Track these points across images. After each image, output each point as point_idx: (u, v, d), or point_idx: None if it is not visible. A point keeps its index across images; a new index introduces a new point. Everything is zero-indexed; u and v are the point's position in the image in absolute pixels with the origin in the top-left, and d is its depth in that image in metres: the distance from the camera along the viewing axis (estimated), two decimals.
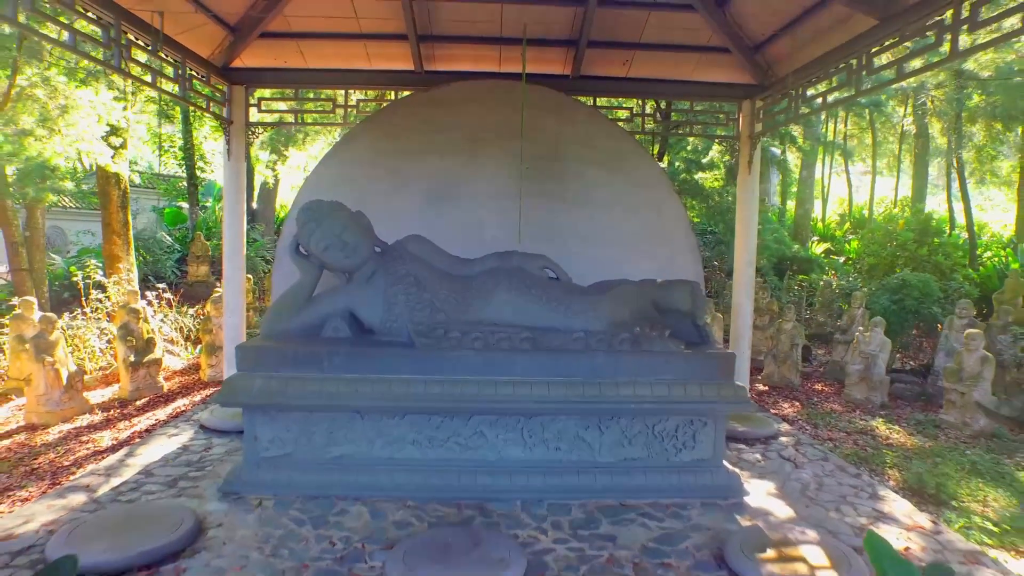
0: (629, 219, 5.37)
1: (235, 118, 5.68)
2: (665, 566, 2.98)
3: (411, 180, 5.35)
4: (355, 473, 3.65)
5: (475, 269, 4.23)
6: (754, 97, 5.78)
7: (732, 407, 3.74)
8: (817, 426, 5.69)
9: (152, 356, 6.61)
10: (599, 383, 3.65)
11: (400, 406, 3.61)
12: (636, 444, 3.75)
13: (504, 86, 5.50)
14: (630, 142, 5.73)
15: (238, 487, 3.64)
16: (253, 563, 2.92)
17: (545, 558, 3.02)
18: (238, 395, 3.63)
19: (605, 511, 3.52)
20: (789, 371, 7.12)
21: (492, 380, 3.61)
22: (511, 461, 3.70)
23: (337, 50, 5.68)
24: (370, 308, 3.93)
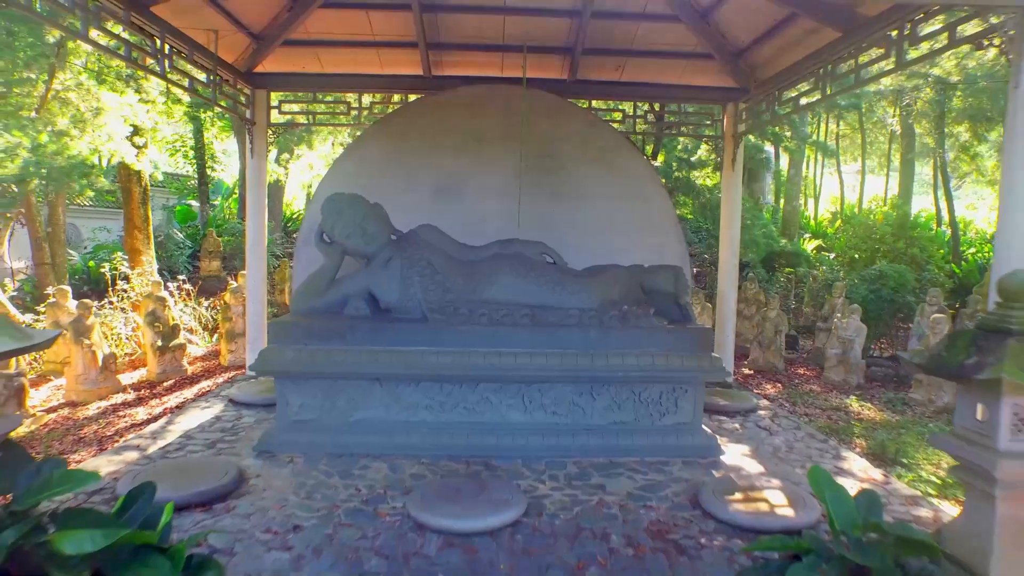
0: (619, 210, 5.83)
1: (258, 119, 6.15)
2: (647, 507, 3.45)
3: (421, 176, 5.82)
4: (375, 434, 4.12)
5: (480, 255, 4.70)
6: (737, 100, 6.25)
7: (709, 375, 4.21)
8: (795, 403, 6.16)
9: (177, 341, 7.09)
10: (591, 355, 4.12)
11: (414, 374, 4.08)
12: (624, 409, 4.22)
13: (505, 91, 5.97)
14: (621, 141, 6.20)
15: (271, 447, 4.11)
16: (291, 504, 3.39)
17: (543, 501, 3.49)
18: (271, 365, 4.10)
19: (596, 467, 3.98)
20: (773, 356, 7.58)
21: (496, 351, 4.08)
22: (513, 424, 4.18)
23: (352, 56, 6.15)
24: (387, 289, 4.40)
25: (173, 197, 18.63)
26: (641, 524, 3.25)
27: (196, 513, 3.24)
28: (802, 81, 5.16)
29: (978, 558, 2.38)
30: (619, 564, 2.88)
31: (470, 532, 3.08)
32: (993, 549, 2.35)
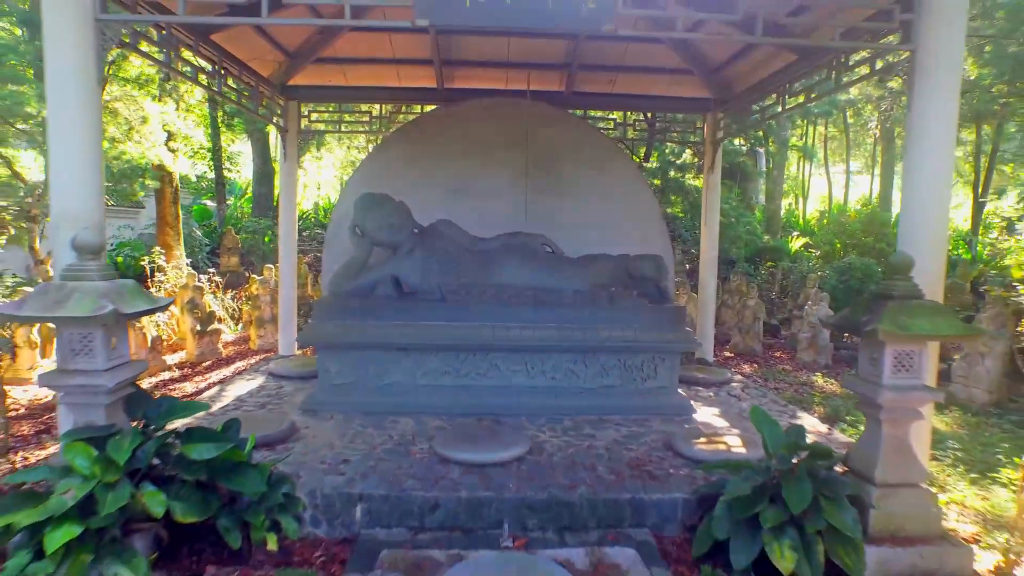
0: (610, 207, 6.58)
1: (290, 127, 6.93)
2: (628, 449, 4.23)
3: (436, 177, 6.58)
4: (402, 396, 4.90)
5: (490, 245, 5.48)
6: (715, 110, 7.03)
7: (682, 346, 4.99)
8: (767, 379, 6.94)
9: (213, 326, 7.88)
10: (584, 329, 4.89)
11: (435, 345, 4.85)
12: (612, 374, 4.99)
13: (510, 102, 6.74)
14: (612, 146, 6.97)
15: (315, 406, 4.89)
16: (337, 446, 4.16)
17: (543, 445, 4.27)
18: (315, 337, 4.88)
19: (588, 421, 4.76)
20: (752, 340, 8.36)
21: (504, 326, 4.86)
22: (518, 386, 4.95)
23: (373, 71, 6.93)
24: (411, 274, 5.17)
25: (189, 196, 19.42)
26: (623, 460, 4.03)
27: (262, 451, 4.02)
28: (768, 95, 5.93)
29: (868, 466, 3.16)
30: (603, 485, 3.66)
31: (485, 463, 3.86)
32: (879, 459, 3.13)
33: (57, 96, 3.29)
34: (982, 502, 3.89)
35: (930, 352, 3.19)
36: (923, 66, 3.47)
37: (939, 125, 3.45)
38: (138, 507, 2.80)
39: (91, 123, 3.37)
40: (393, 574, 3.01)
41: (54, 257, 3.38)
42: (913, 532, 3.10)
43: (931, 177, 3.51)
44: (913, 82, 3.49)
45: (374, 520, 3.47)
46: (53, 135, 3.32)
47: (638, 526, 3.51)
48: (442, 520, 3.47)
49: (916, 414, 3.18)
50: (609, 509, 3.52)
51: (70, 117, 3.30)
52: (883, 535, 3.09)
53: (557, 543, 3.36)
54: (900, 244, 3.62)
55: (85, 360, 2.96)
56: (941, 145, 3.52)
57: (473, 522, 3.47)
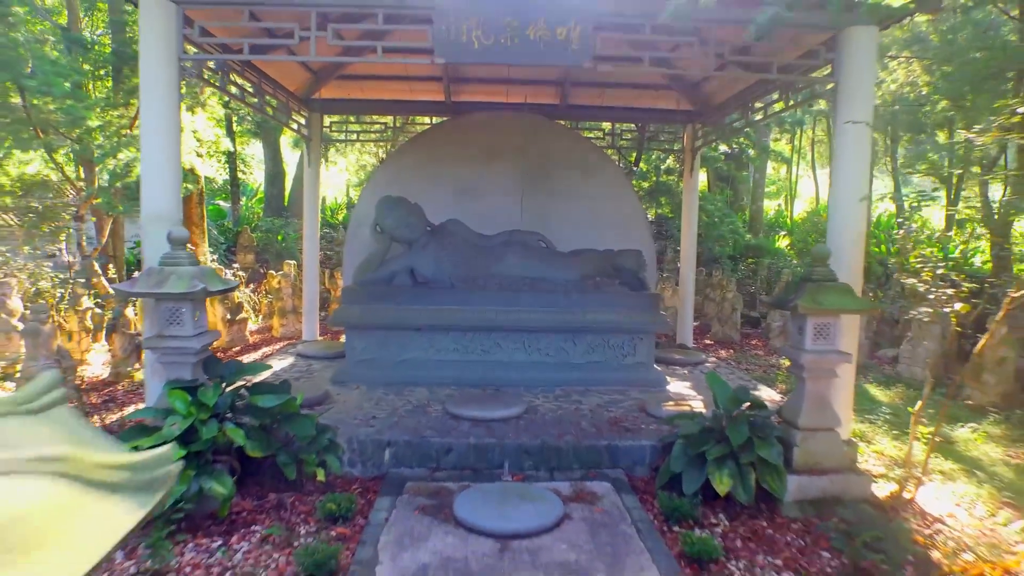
0: (598, 207, 7.37)
1: (313, 136, 7.75)
2: (608, 411, 5.04)
3: (444, 181, 7.39)
4: (417, 369, 5.72)
5: (492, 241, 6.30)
6: (694, 121, 7.85)
7: (657, 327, 5.82)
8: (740, 362, 7.76)
9: (241, 316, 8.70)
10: (573, 312, 5.71)
11: (445, 326, 5.67)
12: (597, 352, 5.81)
13: (510, 115, 7.56)
14: (601, 154, 7.78)
15: (343, 379, 5.71)
16: (365, 408, 4.98)
17: (537, 407, 5.08)
18: (343, 319, 5.71)
19: (576, 391, 5.58)
20: (730, 329, 9.18)
21: (505, 310, 5.68)
22: (517, 362, 5.77)
23: (388, 86, 7.75)
24: (425, 265, 5.99)
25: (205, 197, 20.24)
26: (603, 419, 4.85)
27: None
28: (736, 110, 6.75)
29: (795, 415, 3.98)
30: (586, 436, 4.48)
31: (489, 419, 4.68)
32: (802, 409, 3.95)
33: (148, 120, 4.12)
34: (896, 451, 4.71)
35: (843, 324, 3.99)
36: (844, 95, 4.28)
37: (857, 142, 4.26)
38: (222, 440, 3.63)
39: (173, 141, 4.18)
40: (417, 497, 3.83)
41: (143, 248, 4.19)
42: (827, 465, 3.92)
43: (851, 183, 4.32)
44: (836, 108, 4.31)
45: (399, 461, 4.29)
46: (144, 151, 4.14)
47: (613, 467, 4.34)
48: (455, 461, 4.29)
49: (832, 373, 4.00)
50: (590, 454, 4.34)
51: (157, 137, 4.12)
52: (804, 467, 3.91)
53: (548, 479, 4.18)
54: (828, 238, 4.43)
55: (177, 328, 3.78)
56: (859, 157, 4.33)
57: (480, 463, 4.29)
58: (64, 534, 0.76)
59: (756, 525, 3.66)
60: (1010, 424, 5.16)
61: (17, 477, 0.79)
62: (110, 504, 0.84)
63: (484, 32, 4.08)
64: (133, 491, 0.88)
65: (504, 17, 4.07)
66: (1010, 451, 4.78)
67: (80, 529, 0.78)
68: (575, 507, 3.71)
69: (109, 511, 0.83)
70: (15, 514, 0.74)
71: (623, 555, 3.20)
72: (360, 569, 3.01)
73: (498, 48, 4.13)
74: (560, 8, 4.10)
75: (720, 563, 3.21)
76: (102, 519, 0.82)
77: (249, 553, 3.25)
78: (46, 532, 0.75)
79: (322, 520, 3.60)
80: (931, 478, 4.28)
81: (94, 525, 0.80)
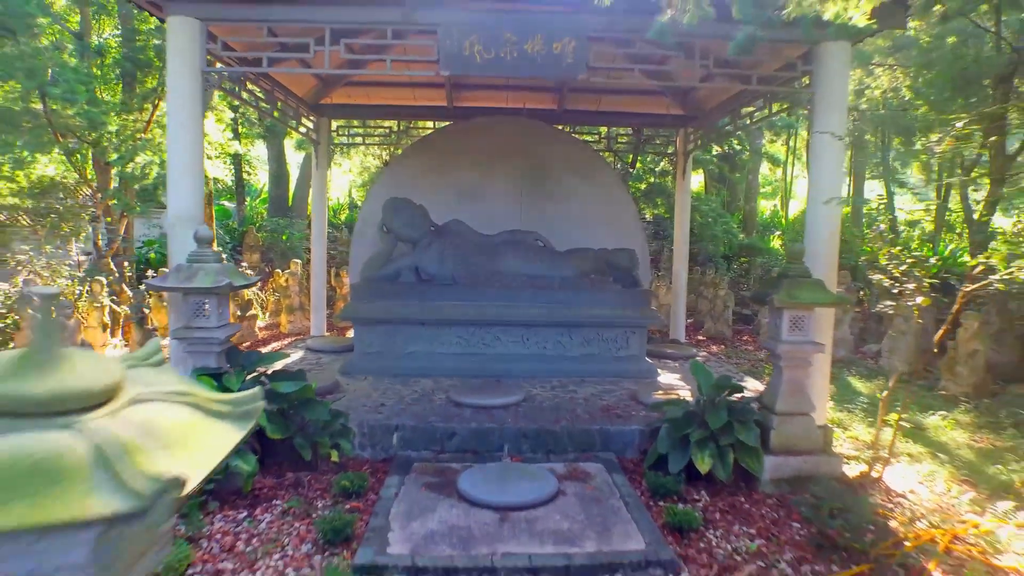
0: (593, 208, 7.70)
1: (321, 140, 8.09)
2: (602, 399, 5.38)
3: (447, 183, 7.72)
4: (422, 361, 6.05)
5: (493, 241, 6.63)
6: (686, 126, 8.18)
7: (648, 321, 6.15)
8: (730, 356, 8.09)
9: (251, 312, 9.03)
10: (569, 308, 6.04)
11: (448, 320, 6.00)
12: (592, 345, 6.15)
13: (510, 119, 7.89)
14: (596, 157, 8.12)
15: (351, 370, 6.04)
16: (374, 396, 5.31)
17: (535, 396, 5.42)
18: (352, 314, 6.04)
19: (572, 382, 5.91)
20: (722, 326, 9.51)
21: (505, 305, 6.01)
22: (516, 354, 6.11)
23: (393, 92, 8.08)
24: (429, 264, 6.32)
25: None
26: (596, 406, 5.19)
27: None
28: (725, 116, 7.08)
29: (772, 400, 4.31)
30: (580, 421, 4.81)
31: (490, 406, 5.02)
32: (779, 395, 4.28)
33: (174, 128, 4.45)
34: (870, 437, 5.04)
35: (817, 317, 4.32)
36: (820, 104, 4.61)
37: (831, 149, 4.59)
38: None
39: (197, 147, 4.52)
40: (424, 476, 4.16)
41: (169, 246, 4.52)
42: (801, 447, 4.25)
43: (826, 187, 4.65)
44: (813, 116, 4.65)
45: (406, 445, 4.62)
46: (171, 156, 4.47)
47: (605, 450, 4.67)
48: (458, 445, 4.63)
49: (807, 362, 4.33)
50: (583, 437, 4.67)
51: (183, 143, 4.45)
52: (780, 449, 4.24)
53: (544, 460, 4.51)
54: (805, 237, 4.77)
55: (203, 320, 4.12)
56: (834, 161, 4.67)
57: (481, 446, 4.62)
58: (196, 440, 1.10)
59: (734, 500, 3.99)
60: (978, 412, 5.49)
61: (161, 403, 1.13)
62: (221, 426, 1.18)
63: (485, 47, 4.41)
64: (234, 419, 1.21)
65: (504, 33, 4.40)
66: (975, 436, 5.12)
67: (205, 439, 1.12)
68: (569, 484, 4.04)
69: (221, 430, 1.17)
70: (166, 424, 1.07)
71: (611, 524, 3.53)
72: (374, 535, 3.34)
73: (498, 61, 4.46)
74: (556, 24, 4.43)
75: (699, 532, 3.55)
76: (217, 435, 1.15)
77: (272, 523, 3.59)
78: (186, 437, 1.08)
79: (337, 495, 3.94)
80: (898, 459, 4.61)
81: (212, 438, 1.14)
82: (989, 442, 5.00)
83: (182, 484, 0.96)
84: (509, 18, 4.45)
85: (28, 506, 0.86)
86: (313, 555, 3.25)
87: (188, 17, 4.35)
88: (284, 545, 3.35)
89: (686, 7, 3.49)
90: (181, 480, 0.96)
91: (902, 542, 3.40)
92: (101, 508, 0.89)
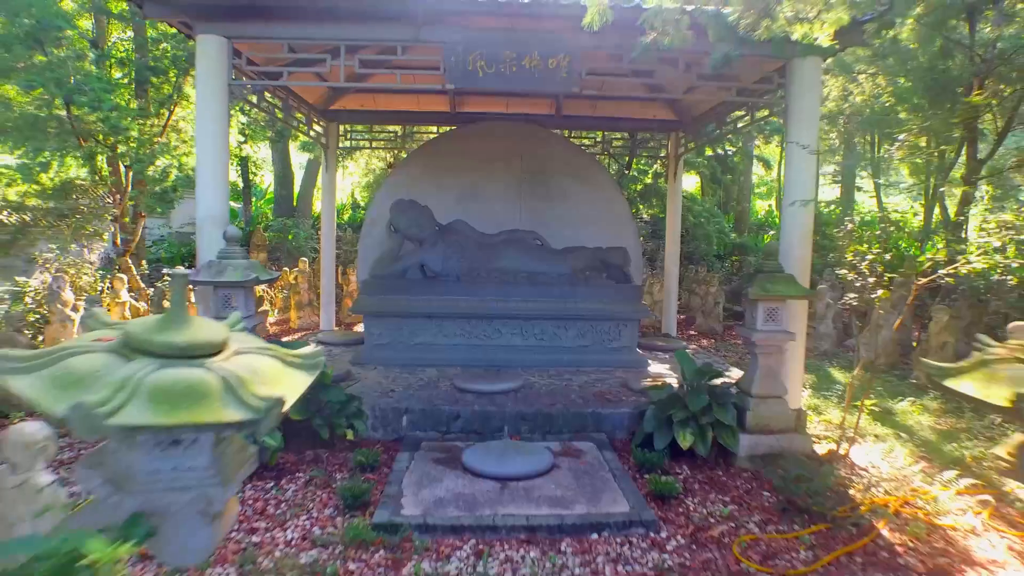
0: (588, 209, 8.09)
1: (330, 144, 8.51)
2: (595, 386, 5.80)
3: (450, 185, 8.11)
4: (428, 352, 6.48)
5: (493, 239, 7.06)
6: (677, 130, 8.61)
7: (639, 315, 6.58)
8: (719, 350, 8.52)
9: (262, 308, 9.45)
10: (565, 302, 6.47)
11: (452, 313, 6.43)
12: (586, 337, 6.57)
13: (509, 125, 8.30)
14: (591, 160, 8.54)
15: (361, 360, 6.46)
16: (383, 384, 5.74)
17: (533, 383, 5.84)
18: (363, 308, 6.47)
19: (567, 371, 6.33)
20: (713, 321, 9.94)
21: (504, 299, 6.43)
22: (515, 345, 6.53)
23: (399, 99, 8.50)
24: (434, 261, 6.75)
25: None
26: (590, 392, 5.61)
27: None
28: (712, 121, 7.50)
29: (749, 384, 4.73)
30: (574, 405, 5.24)
31: (491, 392, 5.44)
32: (755, 379, 4.71)
33: (203, 137, 4.87)
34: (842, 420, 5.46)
35: (789, 308, 4.74)
36: (792, 116, 5.03)
37: (804, 156, 5.01)
38: None
39: (223, 154, 4.94)
40: (431, 452, 4.59)
41: (198, 244, 4.95)
42: (775, 427, 4.67)
43: (799, 191, 5.07)
44: (787, 126, 5.07)
45: (415, 426, 5.05)
46: (199, 162, 4.90)
47: (597, 431, 5.09)
48: (462, 426, 5.05)
49: (780, 350, 4.75)
50: (577, 420, 5.10)
51: (211, 151, 4.87)
52: (755, 428, 4.66)
53: (541, 439, 4.93)
54: (781, 236, 5.19)
55: (231, 311, 4.53)
56: (806, 167, 5.08)
57: (483, 427, 5.04)
58: (283, 380, 1.53)
59: (713, 474, 4.42)
60: (945, 399, 5.90)
61: (255, 354, 1.56)
62: (297, 372, 1.61)
63: (487, 62, 4.84)
64: (306, 368, 1.64)
65: (504, 50, 4.83)
66: (939, 420, 5.54)
67: (288, 380, 1.55)
68: (563, 460, 4.47)
69: (298, 375, 1.59)
70: (262, 367, 1.50)
71: (600, 492, 3.95)
72: (389, 500, 3.76)
73: (499, 76, 4.89)
74: (551, 42, 4.86)
75: (679, 499, 3.97)
76: (296, 378, 1.58)
77: (297, 491, 4.02)
78: (276, 377, 1.51)
79: (353, 469, 4.36)
80: (865, 439, 5.04)
81: (293, 379, 1.56)
82: (951, 425, 5.43)
83: (282, 403, 1.39)
84: (508, 36, 4.88)
85: (187, 412, 1.28)
86: (335, 517, 3.68)
87: (216, 36, 4.77)
88: (309, 509, 3.77)
89: (667, 30, 3.91)
90: (282, 400, 1.38)
91: (858, 506, 3.82)
92: (232, 416, 1.32)
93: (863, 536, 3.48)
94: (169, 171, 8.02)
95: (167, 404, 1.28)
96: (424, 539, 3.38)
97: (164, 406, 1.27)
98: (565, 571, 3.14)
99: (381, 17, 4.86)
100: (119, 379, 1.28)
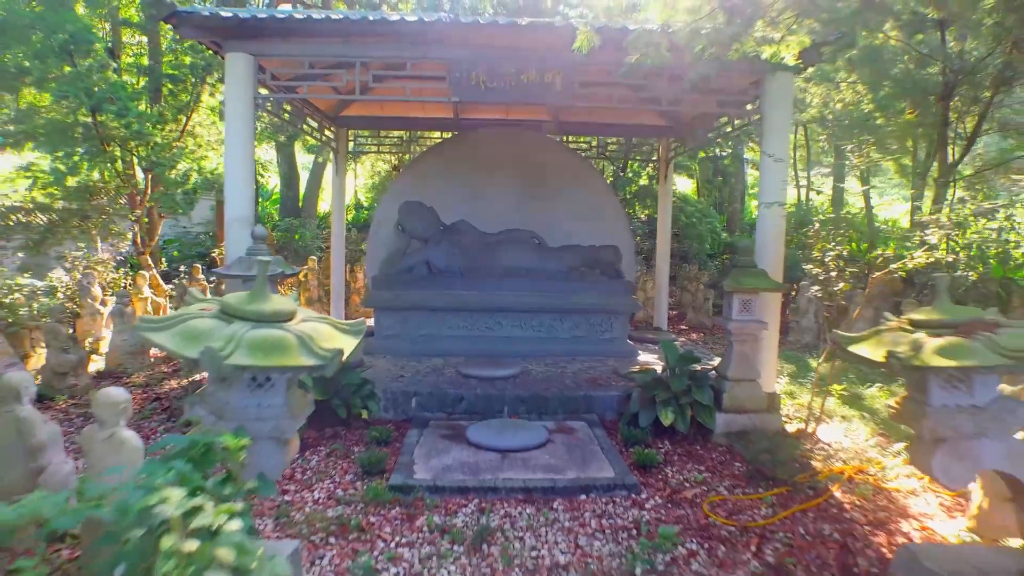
0: (585, 210, 8.61)
1: (340, 149, 9.02)
2: (587, 373, 6.30)
3: (453, 187, 8.62)
4: (433, 343, 6.98)
5: (495, 238, 7.56)
6: (668, 136, 9.11)
7: (629, 308, 7.09)
8: (707, 343, 9.02)
9: None
10: (560, 296, 6.97)
11: (456, 307, 6.94)
12: (580, 328, 7.08)
13: (509, 131, 8.80)
14: (587, 164, 9.05)
15: (372, 350, 6.96)
16: (393, 370, 6.24)
17: (531, 370, 6.34)
18: (373, 301, 6.98)
19: (563, 360, 6.84)
20: (702, 316, 10.43)
21: (504, 293, 6.94)
22: (514, 337, 7.04)
23: (405, 106, 8.99)
24: (439, 258, 7.25)
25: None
26: (583, 378, 6.12)
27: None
28: (700, 128, 8.01)
29: (726, 369, 5.23)
30: (568, 389, 5.74)
31: (492, 377, 5.95)
32: (731, 364, 5.21)
33: (231, 146, 5.38)
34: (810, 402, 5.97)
35: (763, 299, 5.23)
36: (766, 126, 5.54)
37: (776, 164, 5.51)
38: None
39: (249, 160, 5.44)
40: (438, 429, 5.09)
41: (226, 242, 5.45)
42: (749, 407, 5.17)
43: (773, 191, 5.57)
44: (762, 135, 5.58)
45: (423, 407, 5.55)
46: (227, 168, 5.40)
47: (588, 412, 5.59)
48: (466, 408, 5.55)
49: (754, 337, 5.25)
50: (571, 402, 5.60)
51: (238, 158, 5.38)
52: (731, 408, 5.16)
53: (537, 419, 5.43)
54: (756, 235, 5.69)
55: None
56: (777, 174, 5.58)
57: (485, 409, 5.54)
58: (337, 339, 2.04)
59: (691, 448, 4.92)
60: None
61: (316, 322, 2.07)
62: (346, 336, 2.12)
63: (489, 77, 5.35)
64: (352, 333, 2.15)
65: (504, 66, 5.34)
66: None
67: (341, 340, 2.06)
68: (557, 436, 4.98)
69: (347, 337, 2.10)
70: (323, 330, 2.01)
71: (589, 461, 4.46)
72: (403, 467, 4.27)
73: (499, 89, 5.40)
74: (546, 59, 5.37)
75: (659, 467, 4.48)
76: (347, 339, 2.09)
77: (320, 461, 4.52)
78: (333, 337, 2.02)
79: (369, 443, 4.87)
80: (832, 420, 5.54)
81: (344, 340, 2.07)
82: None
83: (342, 353, 1.90)
84: (507, 54, 5.38)
85: (276, 357, 1.79)
86: (355, 481, 4.19)
87: (243, 54, 5.28)
88: (332, 475, 4.28)
89: (648, 52, 4.41)
90: (341, 351, 1.90)
91: (817, 474, 4.33)
92: (306, 361, 1.83)
93: (818, 497, 3.99)
94: (190, 174, 8.52)
95: (261, 352, 1.79)
96: (434, 498, 3.89)
97: (259, 353, 1.78)
98: (556, 524, 3.65)
99: (393, 37, 5.37)
100: (227, 335, 1.80)
